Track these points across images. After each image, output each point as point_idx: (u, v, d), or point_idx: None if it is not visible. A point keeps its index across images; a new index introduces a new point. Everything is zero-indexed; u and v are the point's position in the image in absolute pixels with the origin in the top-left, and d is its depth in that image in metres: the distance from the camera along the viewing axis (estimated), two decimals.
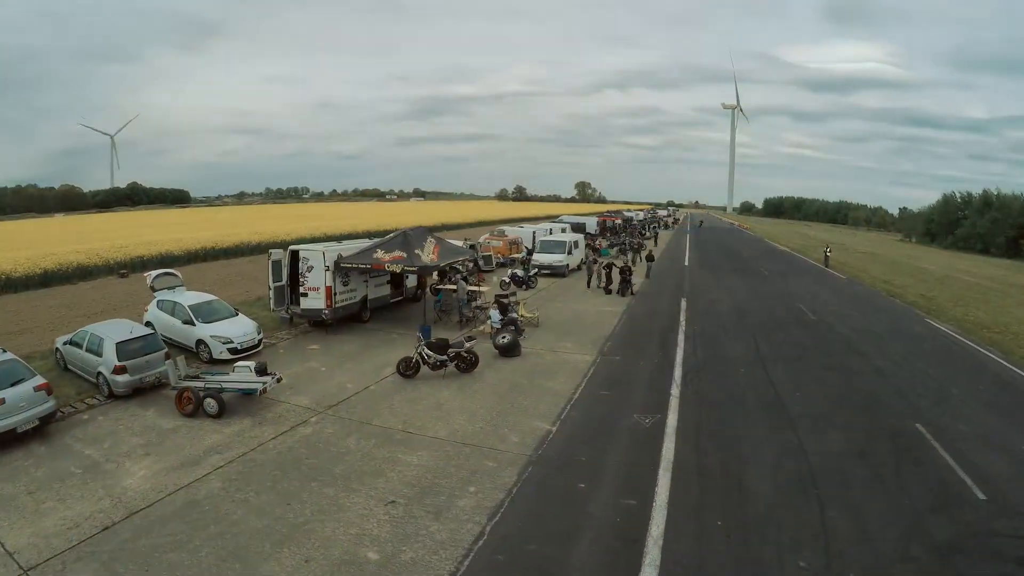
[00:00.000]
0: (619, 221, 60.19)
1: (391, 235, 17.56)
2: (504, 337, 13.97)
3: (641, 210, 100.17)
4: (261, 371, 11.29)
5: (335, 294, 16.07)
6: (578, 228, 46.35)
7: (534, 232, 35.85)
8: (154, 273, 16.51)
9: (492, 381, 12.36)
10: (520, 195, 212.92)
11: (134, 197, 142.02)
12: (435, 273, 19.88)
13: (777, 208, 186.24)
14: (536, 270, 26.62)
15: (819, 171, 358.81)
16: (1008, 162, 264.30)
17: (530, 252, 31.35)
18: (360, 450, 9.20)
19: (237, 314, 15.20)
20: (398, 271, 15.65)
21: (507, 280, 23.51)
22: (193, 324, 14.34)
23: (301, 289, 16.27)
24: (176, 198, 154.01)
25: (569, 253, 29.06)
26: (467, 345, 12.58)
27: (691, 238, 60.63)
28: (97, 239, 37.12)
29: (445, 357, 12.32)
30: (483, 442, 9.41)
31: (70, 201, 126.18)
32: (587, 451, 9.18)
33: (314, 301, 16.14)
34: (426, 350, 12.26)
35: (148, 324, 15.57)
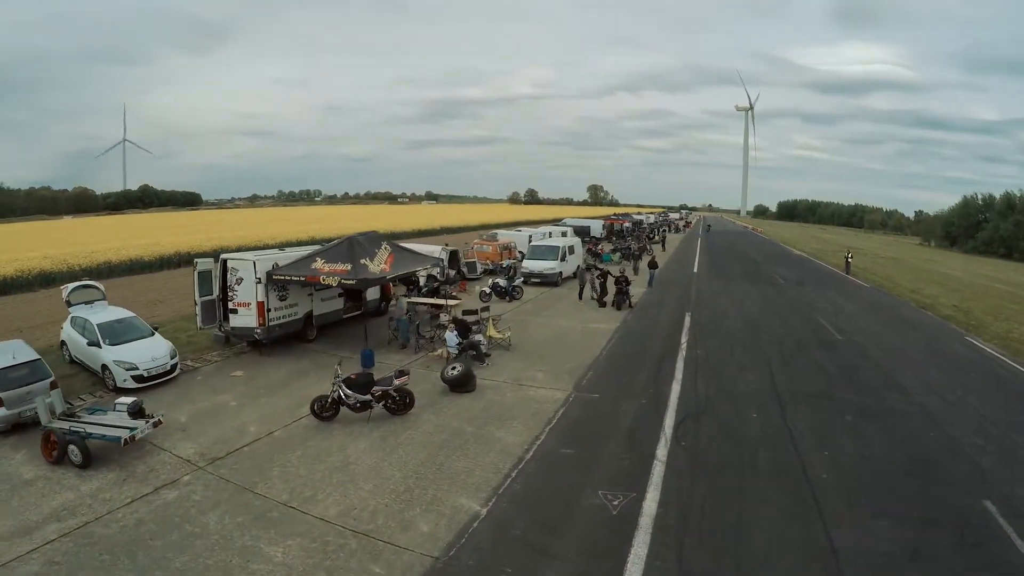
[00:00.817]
0: (628, 224, 57.31)
1: (336, 242, 15.08)
2: (454, 368, 11.28)
3: (652, 213, 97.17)
4: (136, 412, 9.18)
5: (268, 310, 13.70)
6: (581, 232, 43.79)
7: (530, 236, 33.39)
8: (70, 286, 14.42)
9: (428, 428, 9.78)
10: (532, 198, 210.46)
11: (145, 199, 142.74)
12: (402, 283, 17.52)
13: (791, 211, 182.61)
14: (523, 279, 24.01)
15: (829, 173, 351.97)
16: (1019, 164, 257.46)
17: (523, 257, 28.77)
18: (219, 532, 6.81)
19: (154, 334, 13.04)
20: (334, 284, 13.17)
21: (487, 291, 20.95)
22: (99, 346, 12.21)
23: (230, 304, 13.92)
24: (187, 200, 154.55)
25: (563, 259, 26.35)
26: (396, 382, 9.90)
27: (701, 242, 57.41)
28: (85, 243, 35.57)
29: (369, 397, 9.74)
30: (379, 530, 6.82)
31: (82, 203, 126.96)
32: (517, 557, 6.42)
33: (244, 319, 13.78)
34: (344, 388, 9.71)
35: (63, 344, 13.78)
